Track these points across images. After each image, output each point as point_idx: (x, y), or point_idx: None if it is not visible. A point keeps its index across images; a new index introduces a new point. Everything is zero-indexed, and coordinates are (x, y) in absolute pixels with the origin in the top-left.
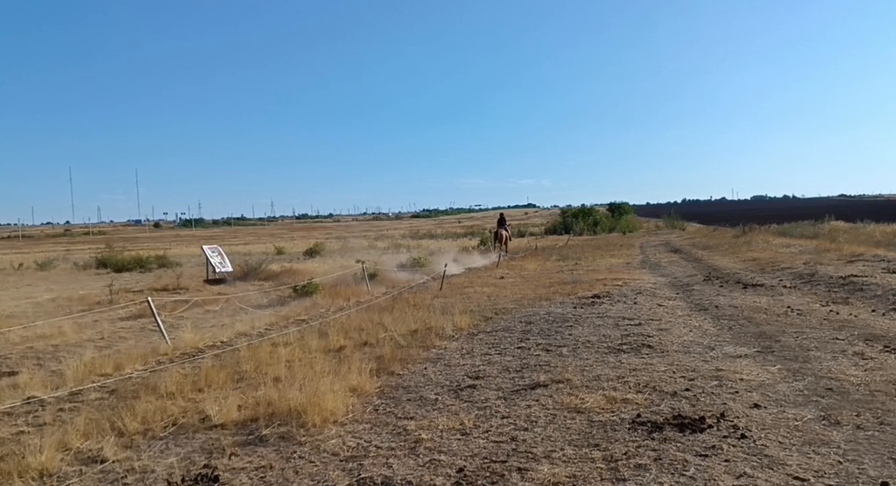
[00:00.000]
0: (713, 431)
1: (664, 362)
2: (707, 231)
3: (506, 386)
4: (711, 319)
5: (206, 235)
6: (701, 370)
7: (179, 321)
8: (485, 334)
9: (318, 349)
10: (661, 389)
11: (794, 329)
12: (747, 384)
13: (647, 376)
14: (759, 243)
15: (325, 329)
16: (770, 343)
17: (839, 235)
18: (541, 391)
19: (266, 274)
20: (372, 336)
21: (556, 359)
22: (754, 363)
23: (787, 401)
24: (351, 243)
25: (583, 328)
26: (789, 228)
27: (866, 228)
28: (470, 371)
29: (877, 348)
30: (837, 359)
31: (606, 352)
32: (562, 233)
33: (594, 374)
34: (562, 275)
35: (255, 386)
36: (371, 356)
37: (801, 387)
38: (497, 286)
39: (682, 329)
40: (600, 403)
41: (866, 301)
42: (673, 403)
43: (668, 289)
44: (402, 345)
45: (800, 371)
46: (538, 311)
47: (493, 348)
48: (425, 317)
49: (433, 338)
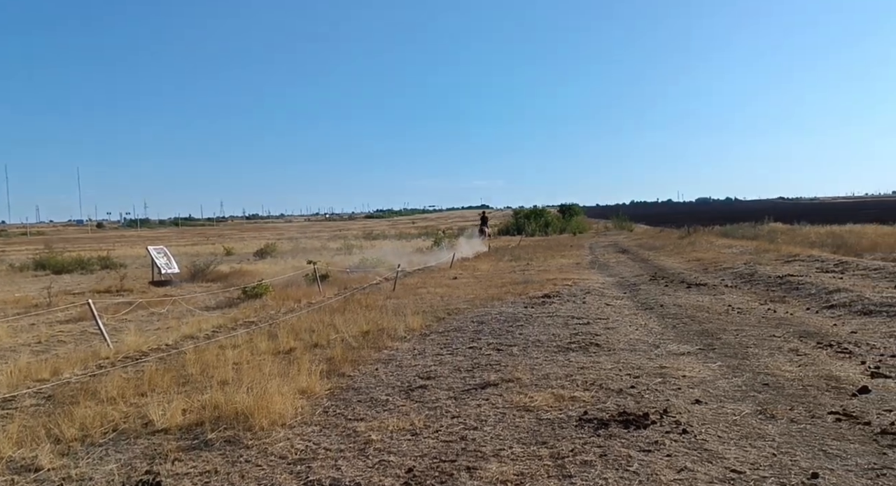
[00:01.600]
0: (656, 427)
1: (611, 361)
2: (654, 232)
3: (457, 386)
4: (657, 317)
5: (151, 235)
6: (646, 368)
7: (122, 324)
8: (437, 334)
9: (267, 351)
10: (608, 386)
11: (735, 327)
12: (689, 381)
13: (595, 374)
14: (703, 243)
15: (275, 331)
16: (711, 341)
17: (777, 237)
18: (491, 391)
19: (214, 275)
20: (323, 338)
21: (507, 358)
22: (696, 360)
23: (726, 397)
24: (303, 243)
25: (533, 328)
26: (731, 229)
27: (802, 229)
28: (421, 372)
29: (810, 345)
30: (774, 355)
31: (556, 351)
32: (514, 234)
33: (543, 372)
34: (514, 275)
35: (201, 389)
36: (321, 358)
37: (739, 383)
38: (450, 287)
39: (629, 328)
40: (549, 401)
41: (801, 299)
42: (619, 400)
43: (615, 289)
44: (353, 346)
45: (739, 368)
46: (490, 311)
47: (444, 349)
48: (377, 318)
49: (385, 339)
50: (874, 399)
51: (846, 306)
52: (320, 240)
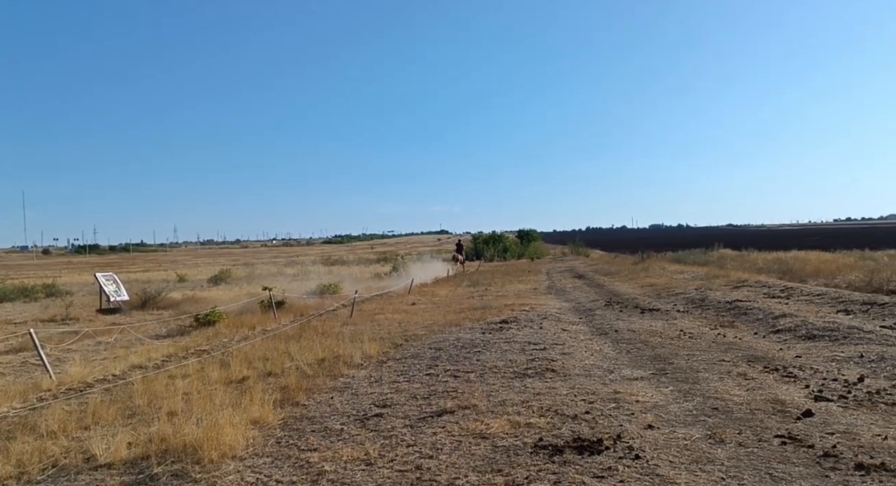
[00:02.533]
0: (610, 452)
1: (566, 386)
2: (609, 258)
3: (413, 414)
4: (611, 343)
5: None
6: (600, 393)
7: (67, 355)
8: (394, 361)
9: (218, 381)
10: (563, 412)
11: (686, 352)
12: (642, 406)
13: (550, 399)
14: (656, 269)
15: (228, 359)
16: (664, 366)
17: (727, 263)
18: (447, 418)
19: (166, 303)
20: (277, 366)
21: (464, 385)
22: (649, 385)
23: (677, 421)
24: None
25: (490, 354)
26: (683, 255)
27: (751, 255)
28: (377, 400)
29: (757, 369)
30: (723, 380)
31: (512, 377)
32: (473, 259)
33: (500, 399)
34: (472, 301)
35: (149, 422)
36: (275, 387)
37: (690, 407)
38: (408, 313)
39: (584, 353)
40: (505, 428)
41: (749, 324)
42: (573, 426)
43: (571, 314)
44: (308, 374)
45: (690, 392)
46: (448, 337)
47: (401, 376)
48: (334, 345)
49: (341, 366)
50: (817, 422)
51: (791, 331)
52: (277, 266)
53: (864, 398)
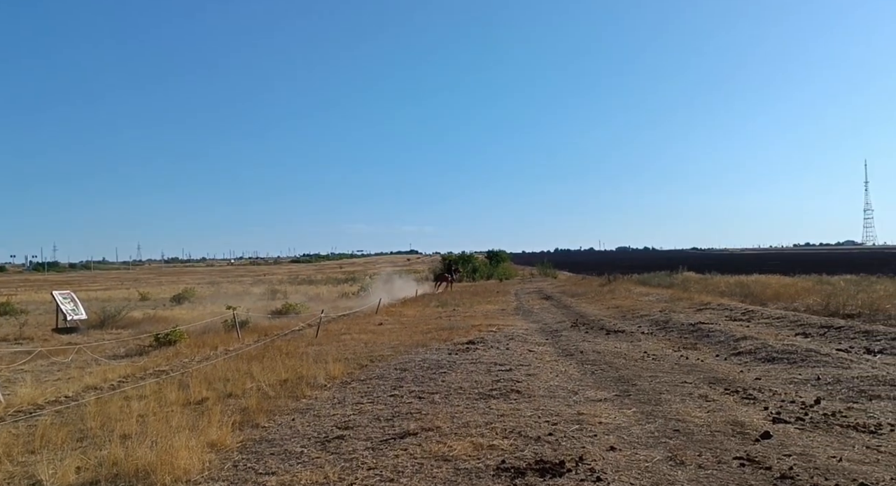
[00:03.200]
0: (572, 474)
1: (531, 407)
2: (576, 279)
3: (375, 436)
4: (576, 364)
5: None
6: (564, 415)
7: (18, 375)
8: (358, 382)
9: (176, 402)
10: (526, 434)
11: (650, 373)
12: (605, 428)
13: (514, 421)
14: (622, 291)
15: (187, 380)
16: (627, 387)
17: (691, 285)
18: (410, 440)
19: (126, 322)
20: (238, 387)
21: (428, 406)
22: (613, 407)
23: (639, 443)
24: (224, 288)
25: (456, 375)
26: (648, 277)
27: (714, 278)
28: (339, 422)
29: (718, 391)
30: (685, 401)
31: (477, 398)
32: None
33: (464, 421)
34: (440, 321)
35: (100, 445)
36: (235, 408)
37: (652, 429)
38: (375, 333)
39: (550, 374)
40: (467, 450)
41: (711, 346)
42: (536, 448)
43: (538, 335)
44: (269, 396)
45: (652, 414)
46: (414, 358)
47: (365, 397)
48: (297, 365)
49: (304, 387)
50: (775, 444)
51: (752, 354)
52: (243, 285)
53: (821, 420)
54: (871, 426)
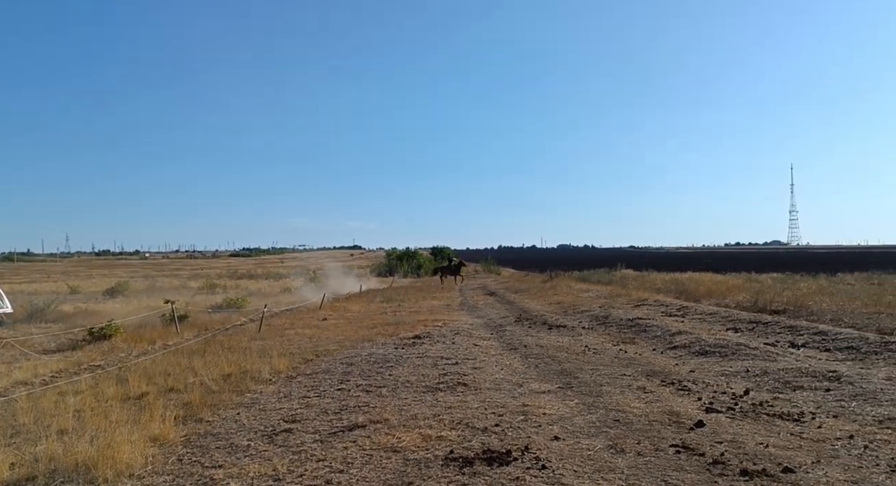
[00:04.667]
0: (518, 463)
1: (477, 400)
2: (519, 276)
3: (323, 429)
4: (520, 357)
5: None
6: (509, 406)
7: None
8: (304, 376)
9: (115, 397)
10: (474, 425)
11: (591, 366)
12: (549, 418)
13: (462, 413)
14: (563, 287)
15: (125, 375)
16: (570, 380)
17: (629, 282)
18: (359, 432)
19: (56, 316)
20: (179, 382)
21: (376, 400)
22: (556, 398)
23: (582, 432)
24: (160, 282)
25: (403, 369)
26: (588, 274)
27: (650, 276)
28: (286, 415)
29: (655, 383)
30: (624, 393)
31: (425, 391)
32: (386, 275)
33: (412, 413)
34: (385, 316)
35: (35, 440)
36: (178, 403)
37: (594, 419)
38: (320, 328)
39: (495, 368)
40: (416, 441)
41: (649, 341)
42: (483, 438)
43: (483, 330)
44: (213, 390)
45: (594, 405)
46: (360, 352)
47: (312, 391)
48: (240, 360)
49: (248, 382)
50: (708, 432)
51: (686, 347)
52: (180, 279)
53: (749, 410)
54: (795, 415)
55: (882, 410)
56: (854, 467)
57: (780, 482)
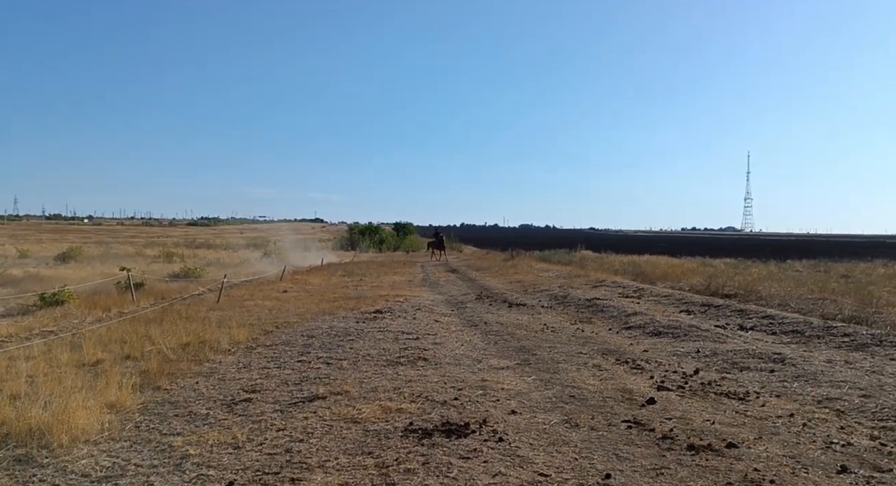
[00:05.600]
0: (476, 435)
1: (437, 374)
2: (481, 254)
3: (283, 399)
4: (481, 334)
5: None
6: (469, 381)
7: None
8: (264, 347)
9: (69, 363)
10: (433, 398)
11: (548, 344)
12: (507, 393)
13: (422, 386)
14: (524, 266)
15: (80, 341)
16: (528, 356)
17: (588, 263)
18: (319, 403)
19: (4, 280)
20: (136, 349)
21: (337, 372)
22: (514, 374)
23: (538, 407)
24: (115, 249)
25: (364, 342)
26: (549, 254)
27: (609, 258)
28: (246, 385)
29: (610, 361)
30: (580, 370)
31: (385, 365)
32: (349, 249)
33: (372, 385)
34: (346, 290)
35: None
36: (135, 371)
37: (550, 395)
38: (280, 300)
39: (455, 343)
40: (376, 413)
41: (605, 321)
42: (443, 411)
43: (444, 306)
44: (171, 359)
45: (550, 381)
46: (321, 325)
47: (272, 362)
48: (199, 330)
49: (207, 351)
50: (658, 409)
51: (641, 328)
52: (135, 246)
53: (698, 388)
54: (741, 394)
55: (821, 390)
56: (792, 443)
57: (724, 457)
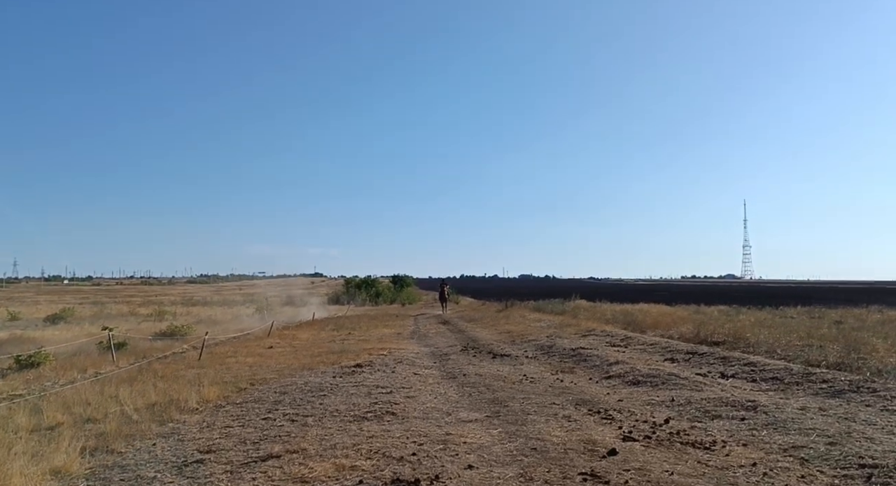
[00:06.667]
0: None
1: (402, 429)
2: (477, 305)
3: (237, 459)
4: (457, 386)
5: None
6: (432, 435)
7: None
8: (233, 405)
9: (26, 428)
10: (391, 454)
11: (523, 395)
12: (468, 447)
13: (382, 442)
14: (516, 317)
15: (42, 404)
16: (499, 408)
17: (580, 312)
18: (272, 463)
19: None
20: (100, 411)
21: (299, 429)
22: (481, 427)
23: (497, 461)
24: (109, 308)
25: (336, 397)
26: (544, 304)
27: (602, 306)
28: (203, 446)
29: (582, 412)
30: (549, 422)
31: (351, 420)
32: (344, 303)
33: (332, 442)
34: (332, 344)
35: None
36: (92, 433)
37: (512, 448)
38: (263, 356)
39: (429, 396)
40: (329, 471)
41: (587, 370)
42: (397, 467)
43: (427, 358)
44: (133, 420)
45: (516, 434)
46: (297, 381)
47: (237, 421)
48: (171, 389)
49: (173, 411)
50: (619, 460)
51: (621, 377)
52: (130, 305)
53: (665, 438)
54: (707, 443)
55: (789, 438)
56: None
57: None
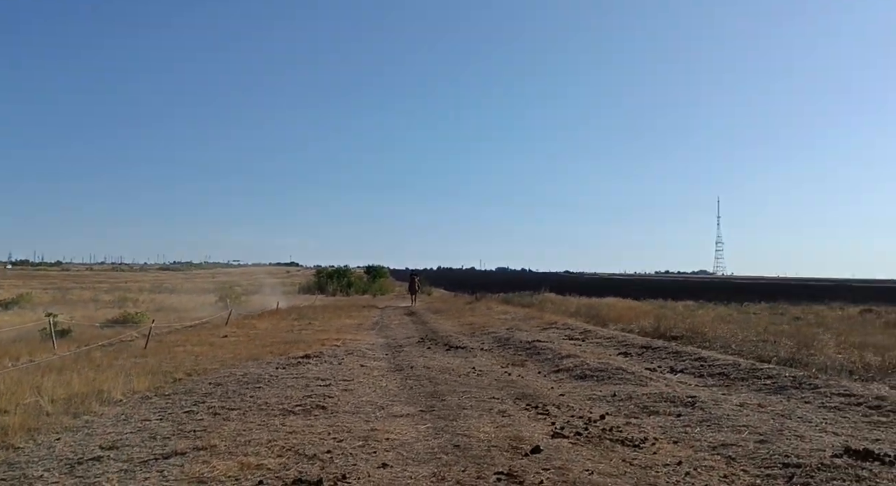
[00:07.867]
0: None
1: (326, 424)
2: (448, 297)
3: (138, 456)
4: (401, 379)
5: None
6: (356, 431)
7: None
8: (161, 397)
9: None
10: (304, 452)
11: (464, 388)
12: (390, 444)
13: (299, 438)
14: (483, 309)
15: None
16: (435, 402)
17: (547, 305)
18: (174, 460)
19: None
20: (11, 402)
21: (218, 423)
22: (410, 423)
23: (414, 459)
24: (72, 294)
25: (270, 390)
26: (513, 296)
27: (569, 300)
28: (108, 441)
29: (520, 407)
30: (482, 417)
31: (277, 414)
32: (315, 293)
33: (247, 438)
34: (289, 334)
35: None
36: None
37: (435, 445)
38: (213, 346)
39: (367, 389)
40: (231, 470)
41: (538, 364)
42: (304, 466)
43: (381, 350)
44: (46, 412)
45: (443, 429)
46: (236, 372)
47: (157, 414)
48: (100, 378)
49: (93, 403)
50: (541, 459)
51: (569, 371)
52: (96, 291)
53: (596, 435)
54: (637, 440)
55: (720, 435)
56: None
57: None
